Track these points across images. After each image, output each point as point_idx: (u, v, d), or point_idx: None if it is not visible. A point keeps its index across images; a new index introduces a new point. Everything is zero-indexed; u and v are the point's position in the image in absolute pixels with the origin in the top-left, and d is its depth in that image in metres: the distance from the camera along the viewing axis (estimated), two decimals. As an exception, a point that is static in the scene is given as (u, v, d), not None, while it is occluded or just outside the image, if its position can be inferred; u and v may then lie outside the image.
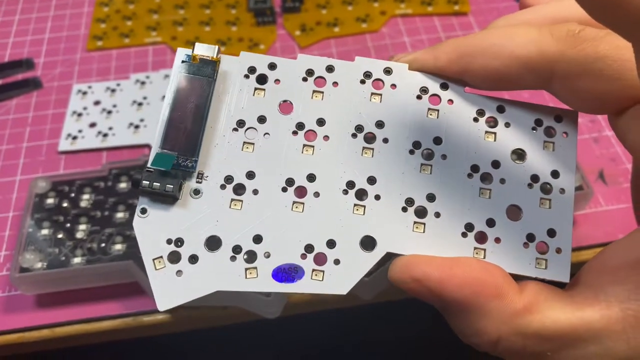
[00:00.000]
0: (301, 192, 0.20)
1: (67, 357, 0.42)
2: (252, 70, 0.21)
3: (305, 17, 0.50)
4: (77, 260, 0.33)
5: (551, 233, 0.19)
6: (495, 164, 0.20)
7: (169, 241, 0.20)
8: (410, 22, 0.49)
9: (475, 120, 0.21)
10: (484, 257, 0.19)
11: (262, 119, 0.21)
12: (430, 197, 0.20)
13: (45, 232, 0.34)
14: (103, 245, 0.34)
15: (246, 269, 0.19)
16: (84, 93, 0.45)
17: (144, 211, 0.20)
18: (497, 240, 0.19)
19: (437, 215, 0.20)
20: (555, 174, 0.20)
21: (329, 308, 0.36)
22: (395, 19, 0.49)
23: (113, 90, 0.45)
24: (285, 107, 0.21)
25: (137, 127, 0.42)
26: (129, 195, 0.36)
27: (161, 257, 0.19)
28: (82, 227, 0.34)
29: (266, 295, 0.32)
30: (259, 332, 0.52)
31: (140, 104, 0.44)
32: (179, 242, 0.20)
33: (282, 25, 0.49)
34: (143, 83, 0.45)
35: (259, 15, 0.49)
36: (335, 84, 0.21)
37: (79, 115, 0.43)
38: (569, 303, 0.17)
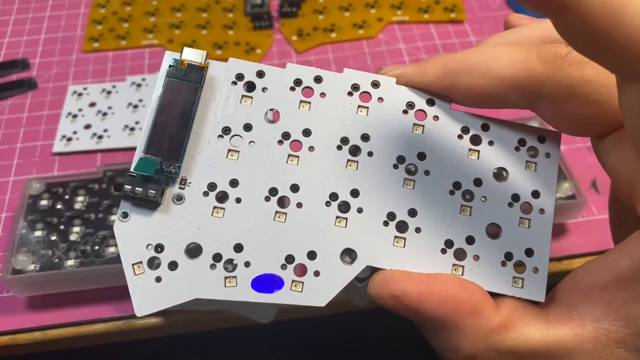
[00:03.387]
0: (284, 202, 0.20)
1: (59, 360, 0.42)
2: (239, 77, 0.21)
3: (302, 22, 0.50)
4: (70, 262, 0.33)
5: (529, 252, 0.20)
6: (477, 182, 0.20)
7: (149, 247, 0.20)
8: (407, 29, 0.49)
9: (460, 137, 0.21)
10: (462, 274, 0.19)
11: (248, 127, 0.21)
12: (412, 212, 0.20)
13: (38, 233, 0.34)
14: (97, 247, 0.34)
15: (225, 278, 0.19)
16: (80, 94, 0.44)
17: (125, 215, 0.20)
18: (476, 257, 0.20)
19: (418, 230, 0.20)
20: (535, 194, 0.20)
21: (322, 314, 0.36)
22: (391, 25, 0.50)
23: (109, 92, 0.45)
24: (272, 115, 0.21)
25: (132, 129, 0.42)
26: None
27: (141, 262, 0.19)
28: (76, 229, 0.34)
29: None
30: (251, 337, 0.52)
31: (135, 107, 0.44)
32: (159, 248, 0.20)
33: (279, 30, 0.49)
34: (139, 85, 0.45)
35: (255, 19, 0.49)
36: (322, 94, 0.21)
37: (74, 116, 0.43)
38: (543, 321, 0.17)
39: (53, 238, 0.34)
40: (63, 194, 0.36)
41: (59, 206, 0.35)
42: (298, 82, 0.21)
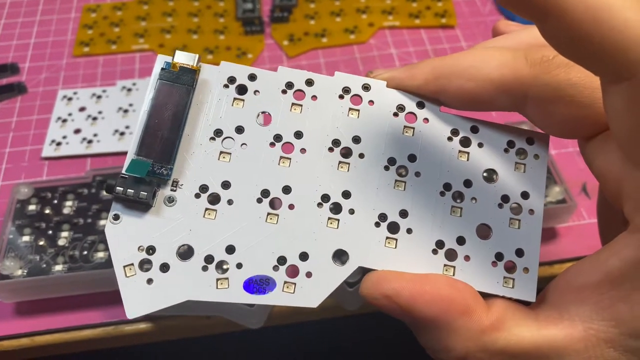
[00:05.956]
0: (276, 203, 0.20)
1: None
2: (231, 80, 0.21)
3: (294, 27, 0.50)
4: (58, 267, 0.33)
5: (519, 253, 0.20)
6: (467, 183, 0.20)
7: (140, 248, 0.20)
8: (398, 34, 0.49)
9: (450, 139, 0.21)
10: (453, 275, 0.20)
11: (240, 129, 0.21)
12: (403, 213, 0.20)
13: (26, 238, 0.34)
14: (85, 252, 0.33)
15: (217, 279, 0.19)
16: (69, 99, 0.44)
17: (116, 217, 0.20)
18: (467, 258, 0.20)
19: (409, 231, 0.20)
20: (525, 195, 0.20)
21: (313, 319, 0.36)
22: (382, 30, 0.50)
23: (99, 97, 0.44)
24: (264, 118, 0.21)
25: (122, 134, 0.42)
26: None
27: (132, 264, 0.19)
28: (65, 234, 0.34)
29: (249, 305, 0.32)
30: (241, 342, 0.51)
31: (126, 111, 0.43)
32: (151, 249, 0.20)
33: (270, 35, 0.49)
34: (129, 90, 0.45)
35: (247, 24, 0.49)
36: (314, 97, 0.21)
37: (64, 121, 0.43)
38: (534, 321, 0.17)
39: (41, 243, 0.33)
40: (52, 198, 0.35)
41: (47, 211, 0.35)
42: (290, 85, 0.21)
